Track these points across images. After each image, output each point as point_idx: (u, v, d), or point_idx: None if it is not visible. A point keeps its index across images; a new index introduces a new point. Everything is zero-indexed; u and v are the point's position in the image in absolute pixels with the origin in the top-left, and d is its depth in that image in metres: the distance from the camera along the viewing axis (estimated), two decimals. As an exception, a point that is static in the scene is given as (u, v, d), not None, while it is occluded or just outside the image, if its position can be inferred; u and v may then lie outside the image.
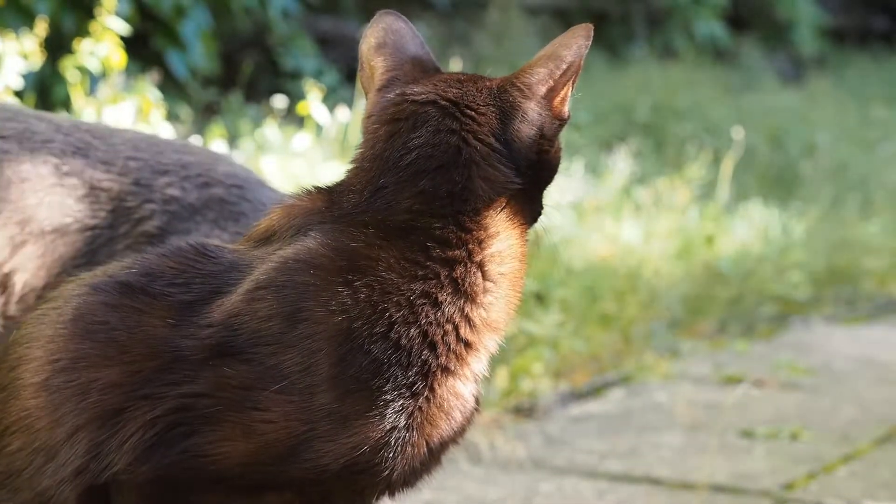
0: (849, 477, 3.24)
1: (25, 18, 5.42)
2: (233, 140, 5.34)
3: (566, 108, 1.77)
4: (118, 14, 4.68)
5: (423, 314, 1.67)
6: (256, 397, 1.62)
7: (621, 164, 6.31)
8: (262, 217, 1.81)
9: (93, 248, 2.18)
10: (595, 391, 4.03)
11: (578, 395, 3.96)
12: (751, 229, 6.05)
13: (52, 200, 2.17)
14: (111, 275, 1.73)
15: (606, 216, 5.55)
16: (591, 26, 1.74)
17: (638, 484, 3.16)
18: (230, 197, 2.25)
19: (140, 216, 2.20)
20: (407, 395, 1.66)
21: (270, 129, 5.35)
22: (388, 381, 1.65)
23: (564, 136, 1.83)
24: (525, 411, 3.73)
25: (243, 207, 2.25)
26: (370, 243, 1.68)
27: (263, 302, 1.66)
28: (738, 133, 5.98)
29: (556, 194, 1.83)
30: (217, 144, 4.73)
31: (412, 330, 1.66)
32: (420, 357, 1.67)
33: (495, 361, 3.76)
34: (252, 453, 1.63)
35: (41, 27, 4.51)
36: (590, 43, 1.73)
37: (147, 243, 2.15)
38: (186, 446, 1.63)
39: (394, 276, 1.67)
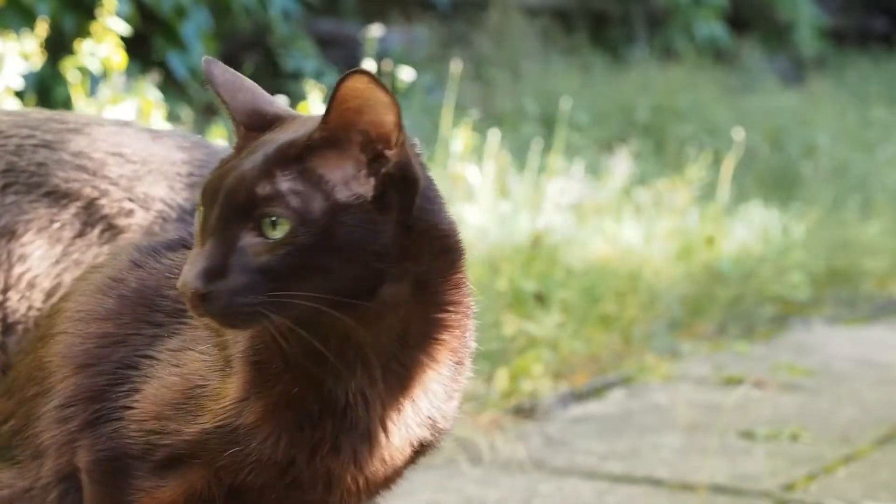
0: (849, 478, 3.24)
1: (26, 19, 5.42)
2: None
3: None
4: (119, 15, 4.68)
5: None
6: (181, 358, 1.67)
7: (621, 165, 6.30)
8: None
9: (58, 249, 2.12)
10: (595, 392, 4.04)
11: (579, 396, 3.96)
12: (751, 230, 6.05)
13: (4, 202, 2.09)
14: (156, 239, 1.81)
15: (607, 217, 5.55)
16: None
17: (638, 485, 3.16)
18: None
19: (116, 213, 2.16)
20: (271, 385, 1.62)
21: (271, 130, 5.34)
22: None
23: (567, 137, 1.81)
24: (525, 412, 3.73)
25: None
26: None
27: None
28: (738, 134, 5.97)
29: (556, 195, 1.82)
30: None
31: None
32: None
33: (496, 362, 3.79)
34: (157, 402, 1.66)
35: (42, 28, 4.51)
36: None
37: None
38: (122, 410, 1.67)
39: None
